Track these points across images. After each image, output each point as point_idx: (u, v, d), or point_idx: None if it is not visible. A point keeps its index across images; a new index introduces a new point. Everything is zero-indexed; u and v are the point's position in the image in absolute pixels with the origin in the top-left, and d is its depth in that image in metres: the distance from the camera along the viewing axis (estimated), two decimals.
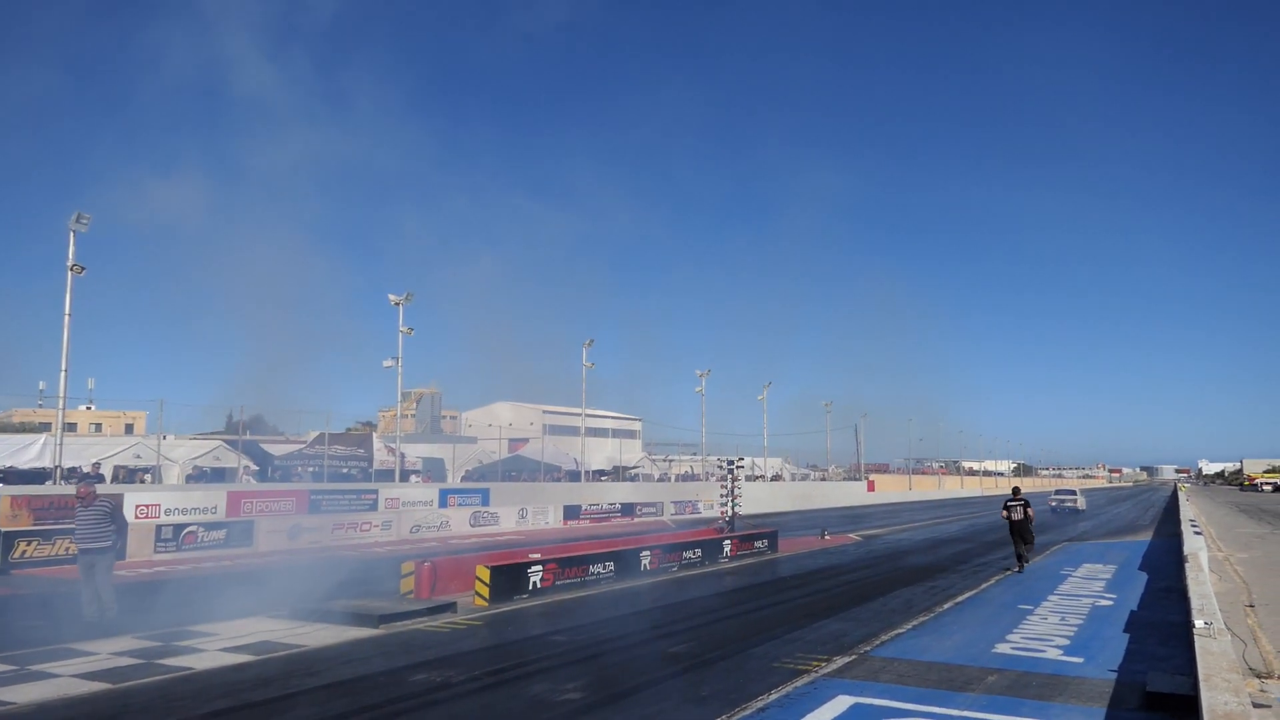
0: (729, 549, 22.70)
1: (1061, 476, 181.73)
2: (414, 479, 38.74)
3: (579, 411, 48.35)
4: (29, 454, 29.99)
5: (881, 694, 8.97)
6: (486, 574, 14.97)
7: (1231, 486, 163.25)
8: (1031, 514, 21.15)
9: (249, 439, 36.12)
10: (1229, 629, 10.22)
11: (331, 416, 34.76)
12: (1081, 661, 10.64)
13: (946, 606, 15.13)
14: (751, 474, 58.49)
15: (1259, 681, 9.38)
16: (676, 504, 45.08)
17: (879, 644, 11.66)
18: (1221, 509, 58.70)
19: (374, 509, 30.53)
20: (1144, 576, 19.74)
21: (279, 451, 38.11)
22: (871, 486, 76.55)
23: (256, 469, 34.76)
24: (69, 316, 24.76)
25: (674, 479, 57.59)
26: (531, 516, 35.78)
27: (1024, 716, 8.28)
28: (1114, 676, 9.85)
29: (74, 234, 24.65)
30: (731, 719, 8.18)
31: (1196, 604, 10.96)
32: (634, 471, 57.58)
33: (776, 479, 66.75)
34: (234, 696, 8.90)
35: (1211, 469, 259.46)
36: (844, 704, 8.61)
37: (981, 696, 8.93)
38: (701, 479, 52.36)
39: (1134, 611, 14.65)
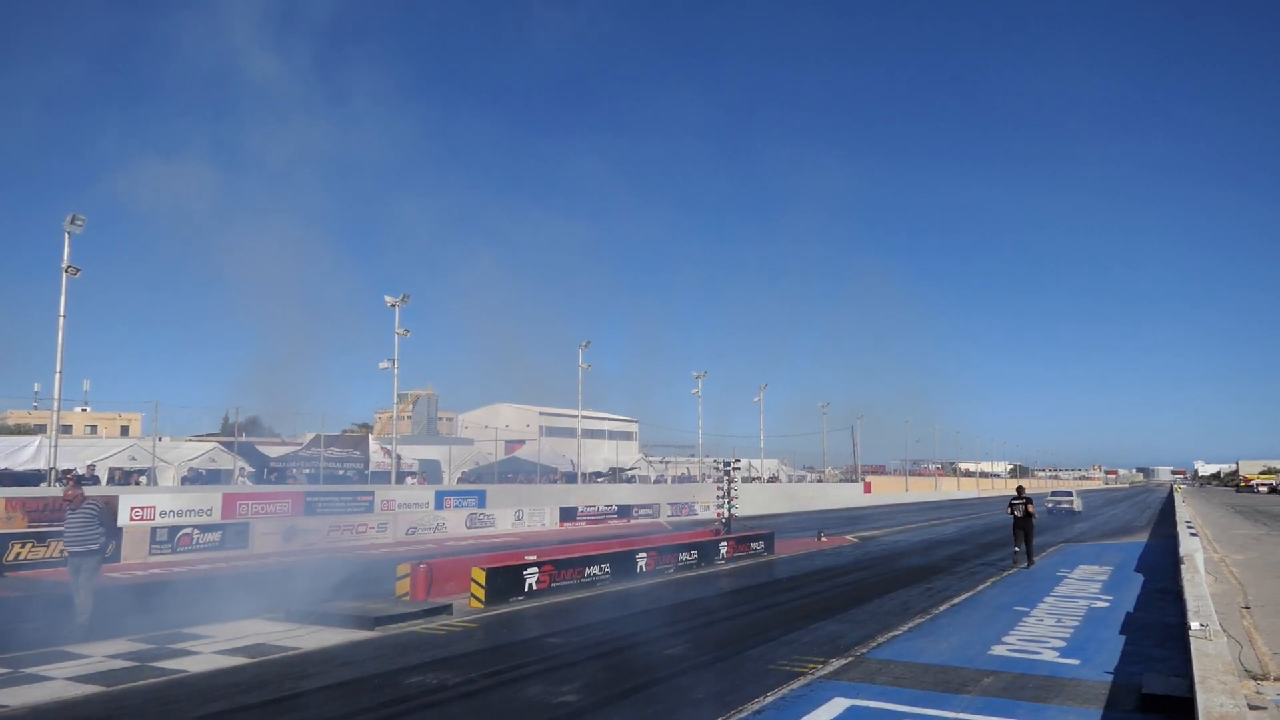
0: (725, 551, 22.70)
1: (1058, 478, 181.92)
2: (410, 481, 38.67)
3: (576, 413, 48.32)
4: (24, 456, 29.91)
5: (878, 696, 8.97)
6: (482, 576, 14.96)
7: (1227, 488, 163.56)
8: (1034, 511, 22.61)
9: (245, 441, 36.05)
10: (1225, 631, 10.24)
11: (327, 418, 34.65)
12: (1078, 663, 10.64)
13: (943, 608, 15.13)
14: (748, 476, 58.56)
15: (1254, 683, 9.39)
16: (673, 506, 45.08)
17: (875, 646, 11.66)
18: (1217, 510, 58.81)
19: (370, 511, 30.48)
20: (1140, 578, 19.77)
21: (275, 453, 38.04)
22: (868, 488, 76.61)
23: (252, 471, 34.67)
24: (64, 318, 24.72)
25: (671, 481, 57.62)
26: (528, 518, 35.76)
27: (1020, 718, 8.29)
28: (1110, 678, 9.86)
29: (69, 235, 24.61)
30: None
31: (1192, 606, 10.98)
32: (631, 473, 57.55)
33: (773, 480, 66.78)
34: (229, 699, 8.88)
35: (1207, 470, 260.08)
36: (840, 706, 8.61)
37: (978, 698, 8.93)
38: (698, 480, 52.35)
39: (1130, 613, 14.66)
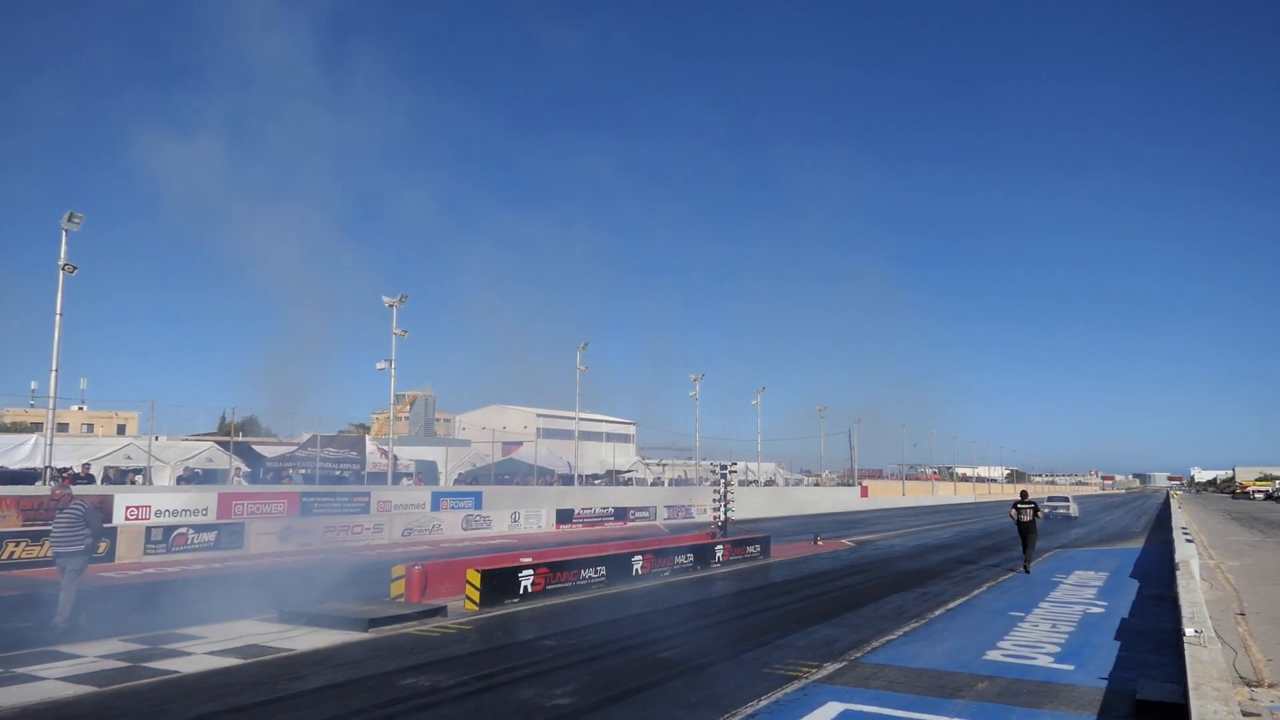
0: (721, 554, 22.67)
1: (1055, 483, 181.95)
2: (406, 482, 38.61)
3: (573, 415, 48.28)
4: (19, 454, 29.82)
5: (872, 701, 8.95)
6: (477, 578, 14.93)
7: (1224, 494, 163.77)
8: (1041, 515, 23.43)
9: (241, 441, 36.00)
10: (1220, 637, 10.23)
11: (324, 419, 34.66)
12: (1072, 669, 10.62)
13: (938, 613, 15.11)
14: (745, 479, 58.55)
15: (1249, 690, 9.39)
16: (669, 508, 45.07)
17: (870, 650, 11.64)
18: (1213, 516, 58.86)
19: (366, 512, 30.44)
20: (1135, 584, 19.76)
21: (271, 453, 37.96)
22: (865, 492, 76.61)
23: (248, 471, 34.61)
24: (60, 316, 24.67)
25: (667, 483, 57.59)
26: (524, 520, 35.72)
27: None
28: (1104, 684, 9.84)
29: (66, 233, 24.56)
30: None
31: (1187, 612, 10.97)
32: (627, 476, 57.53)
33: (770, 484, 66.77)
34: (221, 700, 8.85)
35: (1204, 477, 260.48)
36: (834, 710, 8.58)
37: (972, 704, 8.91)
38: (695, 483, 52.34)
39: (1125, 619, 14.64)
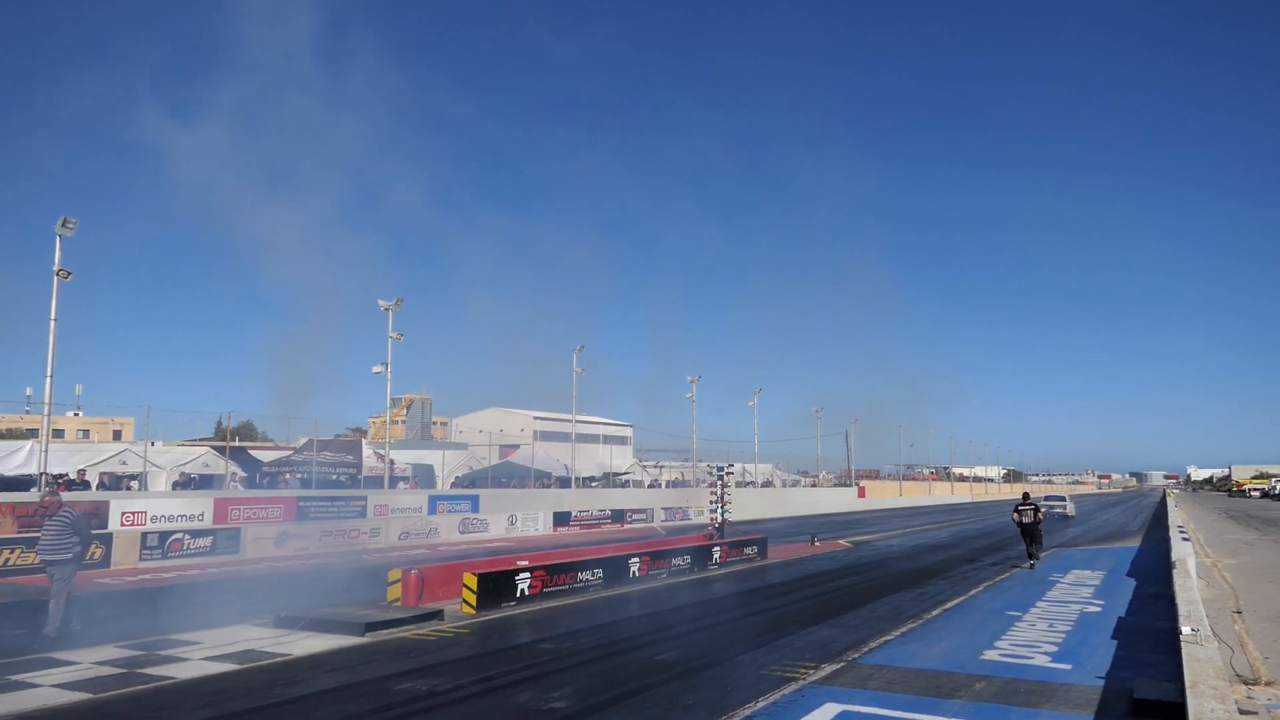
0: (718, 555, 22.66)
1: (1051, 482, 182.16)
2: (403, 485, 38.55)
3: (570, 417, 48.24)
4: (15, 460, 29.72)
5: (869, 701, 8.94)
6: (474, 581, 14.90)
7: (1220, 492, 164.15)
8: (1042, 516, 23.75)
9: (237, 445, 35.93)
10: (1216, 636, 10.24)
11: (321, 423, 34.53)
12: (1069, 668, 10.63)
13: (935, 613, 15.12)
14: (742, 480, 58.54)
15: (1246, 688, 9.40)
16: (667, 510, 45.05)
17: (867, 651, 11.64)
18: (1210, 515, 58.98)
19: (363, 516, 30.37)
20: (1132, 583, 19.78)
21: (267, 458, 37.88)
22: (862, 493, 76.64)
23: (245, 476, 34.53)
24: (55, 321, 24.59)
25: (665, 485, 57.55)
26: (521, 523, 35.68)
27: None
28: (1101, 683, 9.84)
29: (60, 239, 24.50)
30: None
31: (1184, 611, 10.98)
32: (625, 478, 57.48)
33: (767, 485, 66.77)
34: (217, 706, 8.82)
35: (1200, 475, 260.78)
36: (832, 711, 8.58)
37: (969, 704, 8.91)
38: (692, 485, 52.33)
39: (1122, 618, 14.66)
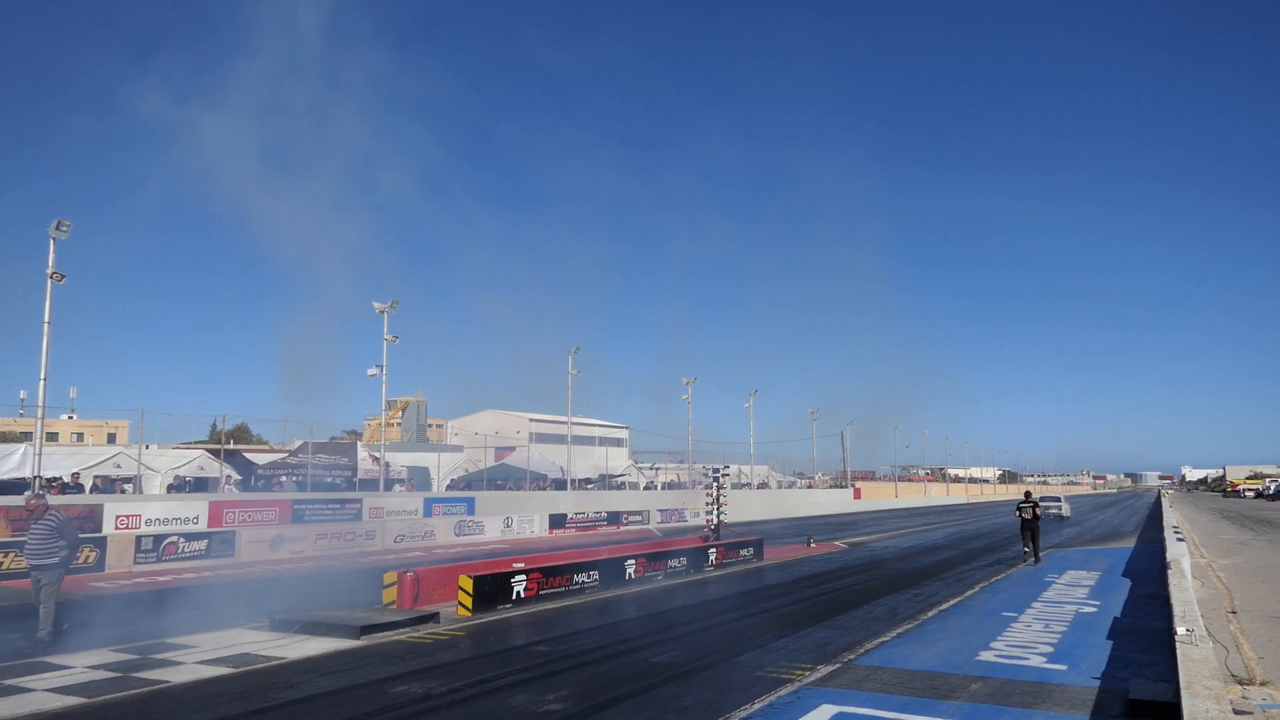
0: (714, 557, 22.65)
1: (1047, 483, 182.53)
2: (399, 488, 38.50)
3: (566, 420, 48.22)
4: (8, 464, 29.64)
5: (865, 703, 8.94)
6: (469, 584, 14.89)
7: (1214, 493, 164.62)
8: (1041, 513, 25.09)
9: (232, 448, 35.85)
10: (1211, 636, 10.25)
11: (316, 425, 34.48)
12: (1065, 669, 10.64)
13: (930, 614, 15.13)
14: (738, 482, 58.53)
15: (1241, 688, 9.41)
16: (662, 512, 45.04)
17: (863, 652, 11.64)
18: (1205, 515, 59.12)
19: (358, 519, 30.32)
20: (1127, 583, 19.80)
21: (262, 461, 37.82)
22: (858, 494, 76.71)
23: (239, 479, 34.48)
24: (48, 324, 24.51)
25: (660, 487, 57.54)
26: (517, 525, 35.64)
27: None
28: (1097, 684, 9.85)
29: (54, 241, 24.42)
30: None
31: (1179, 611, 10.99)
32: (621, 480, 57.47)
33: (763, 487, 66.78)
34: (211, 710, 8.80)
35: (1195, 475, 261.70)
36: (828, 713, 8.57)
37: (965, 705, 8.91)
38: (688, 487, 52.31)
39: (1117, 618, 14.67)
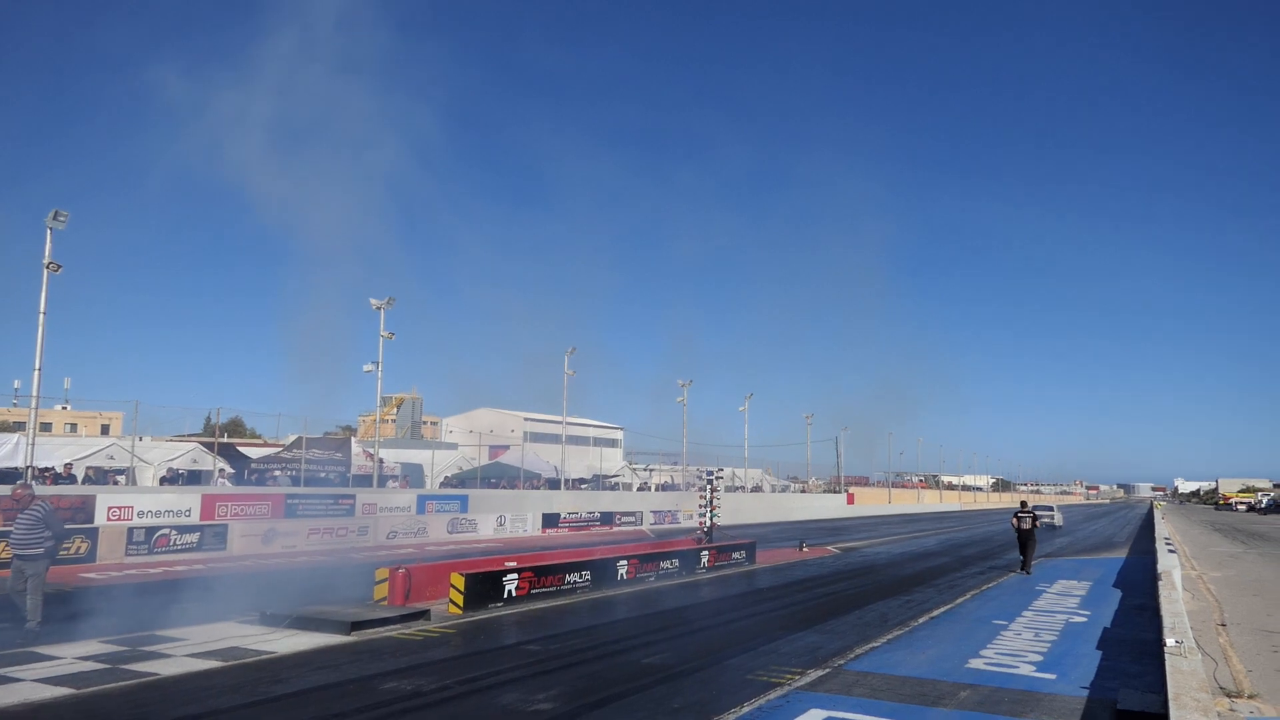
0: (707, 560, 22.66)
1: (1040, 492, 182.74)
2: (392, 484, 38.47)
3: (560, 419, 48.21)
4: (1, 453, 29.60)
5: (854, 708, 8.96)
6: (461, 581, 14.88)
7: (1207, 505, 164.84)
8: (1039, 524, 25.49)
9: (225, 442, 35.80)
10: (1200, 647, 10.30)
11: (310, 420, 34.41)
12: (1054, 678, 10.66)
13: (921, 621, 15.15)
14: (731, 485, 58.58)
15: (1229, 700, 9.44)
16: (656, 514, 45.07)
17: (853, 657, 11.65)
18: (1196, 527, 59.27)
19: (351, 514, 30.30)
20: (1118, 594, 19.85)
21: (256, 455, 37.78)
22: (851, 499, 76.79)
23: (232, 472, 34.42)
24: (44, 315, 24.47)
25: (654, 489, 57.56)
26: (510, 524, 35.64)
27: None
28: (1085, 693, 9.88)
29: (51, 231, 24.39)
30: None
31: (1169, 622, 11.04)
32: (614, 480, 57.47)
33: (757, 490, 66.82)
34: (201, 703, 8.79)
35: (1187, 487, 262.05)
36: (817, 717, 8.59)
37: (954, 712, 8.93)
38: (681, 489, 52.32)
39: (1107, 629, 14.71)
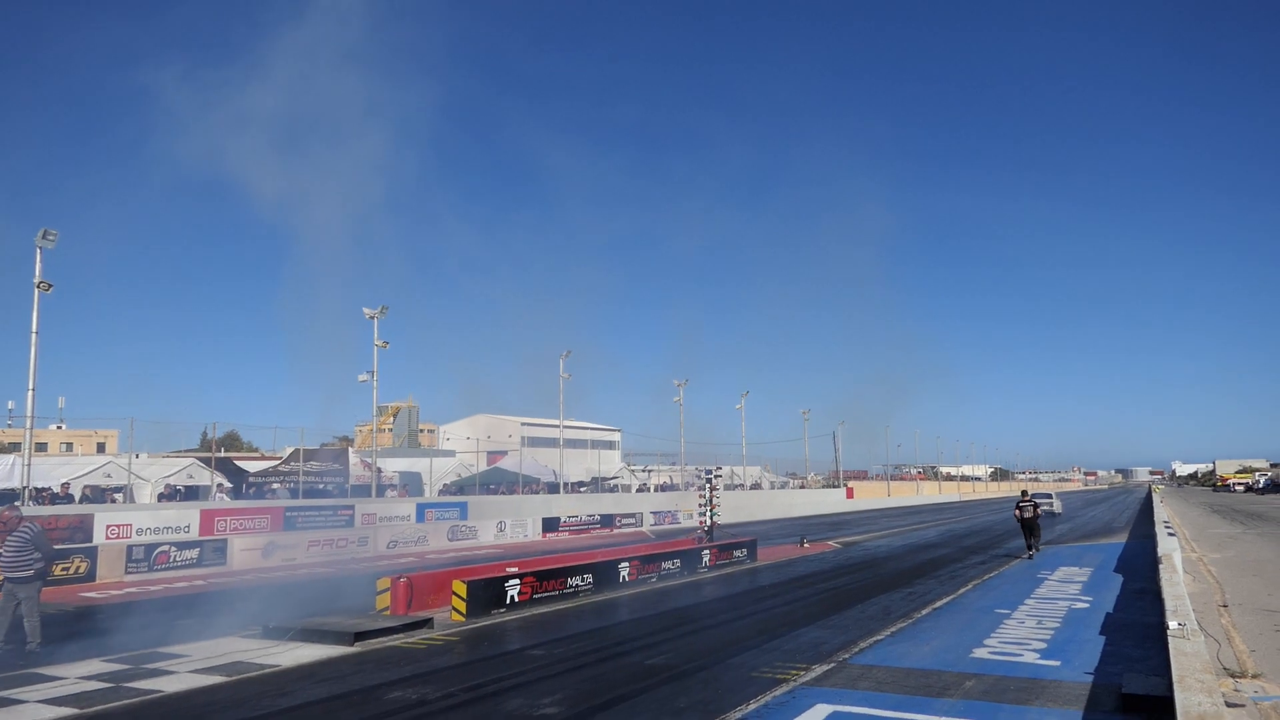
0: (708, 559, 22.66)
1: (1038, 480, 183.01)
2: (391, 494, 38.42)
3: (557, 423, 48.18)
4: None
5: (860, 702, 8.96)
6: (463, 589, 14.85)
7: (1204, 487, 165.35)
8: (1040, 511, 26.58)
9: (222, 456, 35.71)
10: (1203, 629, 10.32)
11: (306, 432, 34.34)
12: (1058, 665, 10.69)
13: (924, 612, 15.17)
14: (730, 483, 58.60)
15: (1233, 681, 9.47)
16: (656, 514, 45.03)
17: (857, 651, 11.66)
18: (1195, 510, 59.44)
19: (350, 525, 30.23)
20: (1119, 578, 19.90)
21: (253, 468, 37.68)
22: (850, 494, 76.80)
23: (230, 487, 34.33)
24: (36, 334, 24.38)
25: (653, 489, 57.55)
26: (510, 529, 35.59)
27: None
28: (1090, 679, 9.90)
29: (40, 250, 24.31)
30: None
31: (1171, 605, 11.06)
32: (613, 482, 57.45)
33: (756, 488, 66.85)
34: (205, 719, 8.76)
35: (1185, 470, 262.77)
36: (823, 712, 8.59)
37: (959, 702, 8.94)
38: (680, 489, 52.33)
39: (1110, 614, 14.74)
